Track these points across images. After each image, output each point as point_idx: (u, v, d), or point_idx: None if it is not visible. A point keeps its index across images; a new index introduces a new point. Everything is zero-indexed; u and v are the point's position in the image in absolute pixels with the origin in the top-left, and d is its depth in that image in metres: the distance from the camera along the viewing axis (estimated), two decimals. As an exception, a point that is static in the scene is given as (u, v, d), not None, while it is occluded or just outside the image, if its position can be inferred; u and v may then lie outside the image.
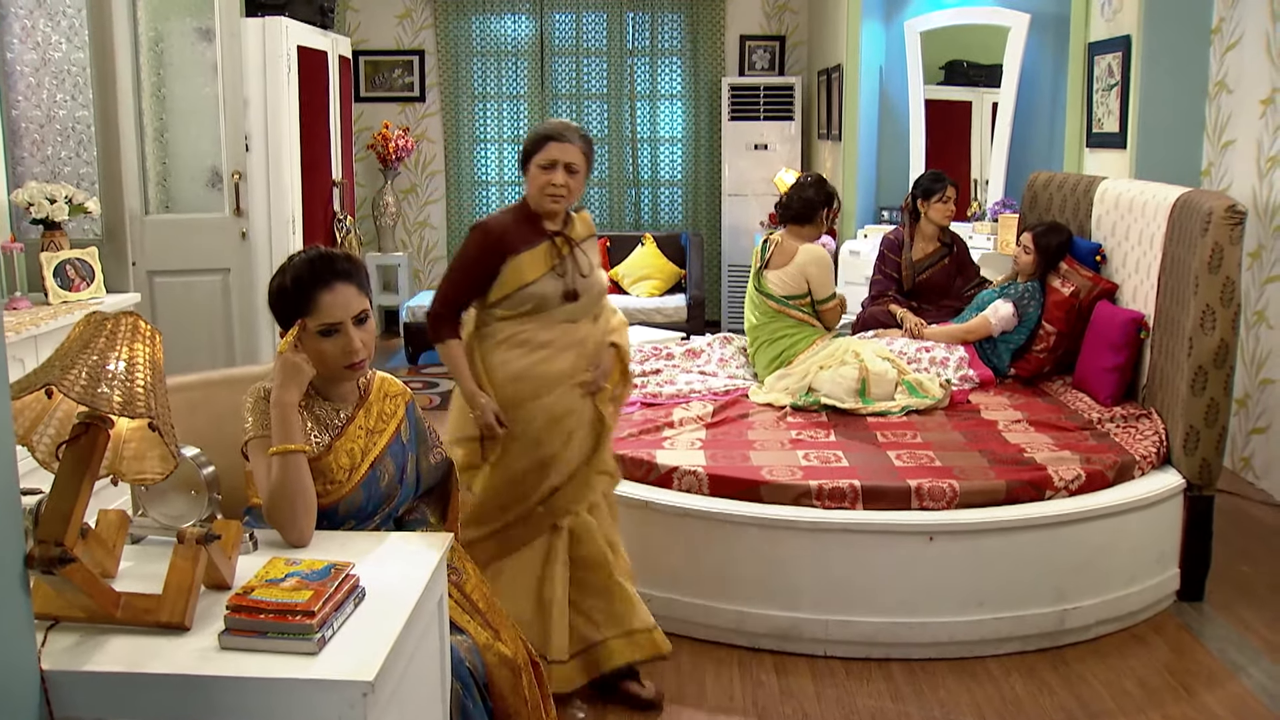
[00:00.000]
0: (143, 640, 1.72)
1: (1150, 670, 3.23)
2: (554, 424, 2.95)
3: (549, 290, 2.93)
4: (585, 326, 3.00)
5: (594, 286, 3.01)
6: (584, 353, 2.98)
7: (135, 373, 1.75)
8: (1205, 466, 3.59)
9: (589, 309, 3.01)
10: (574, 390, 2.96)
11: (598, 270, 3.04)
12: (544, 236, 2.95)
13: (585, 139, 2.95)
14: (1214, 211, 3.52)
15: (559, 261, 2.94)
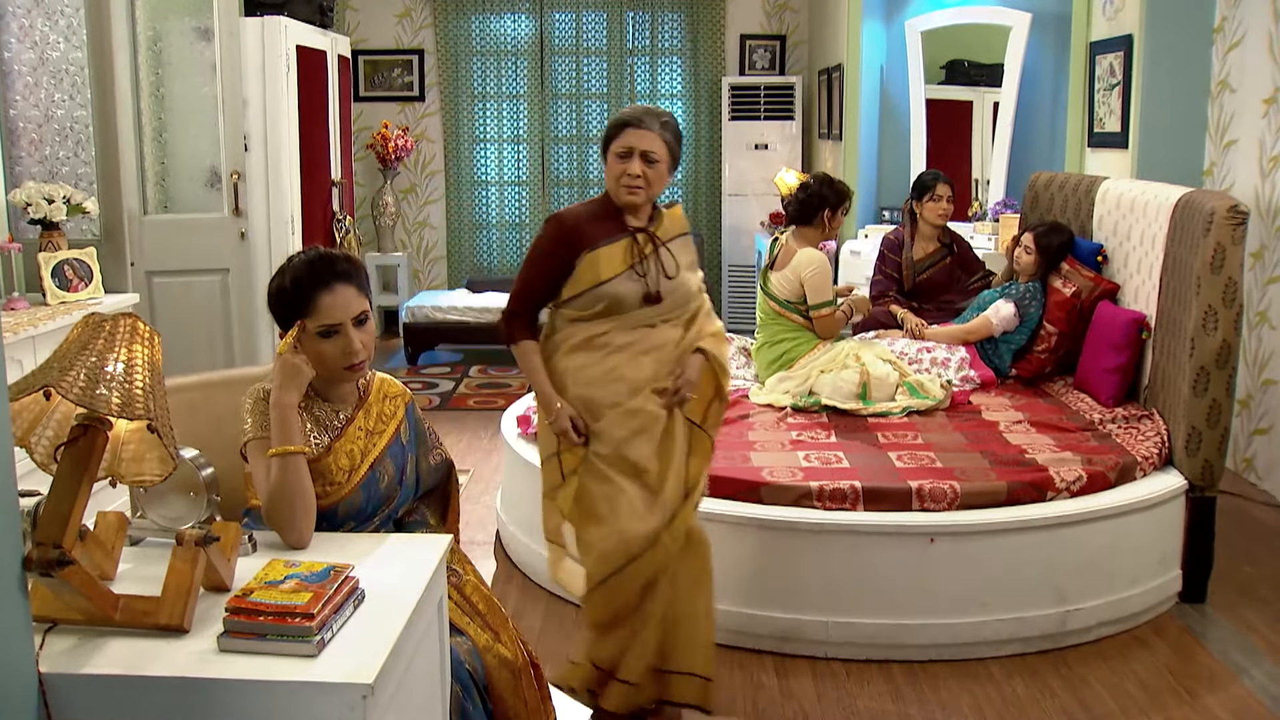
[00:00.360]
0: (141, 643, 1.71)
1: (1152, 672, 3.22)
2: (639, 433, 2.70)
3: (626, 291, 2.69)
4: (667, 331, 2.75)
5: (680, 289, 2.76)
6: (664, 359, 2.74)
7: (134, 374, 1.75)
8: (1207, 468, 3.58)
9: (673, 313, 2.76)
10: (656, 398, 2.72)
11: (688, 272, 2.79)
12: (625, 232, 2.72)
13: (669, 126, 2.70)
14: (1216, 212, 3.51)
15: (640, 260, 2.71)
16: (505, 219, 8.54)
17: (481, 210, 8.51)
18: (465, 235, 8.47)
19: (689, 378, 2.75)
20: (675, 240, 2.77)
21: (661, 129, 2.68)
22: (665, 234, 2.76)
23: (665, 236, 2.75)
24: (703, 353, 2.79)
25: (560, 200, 8.50)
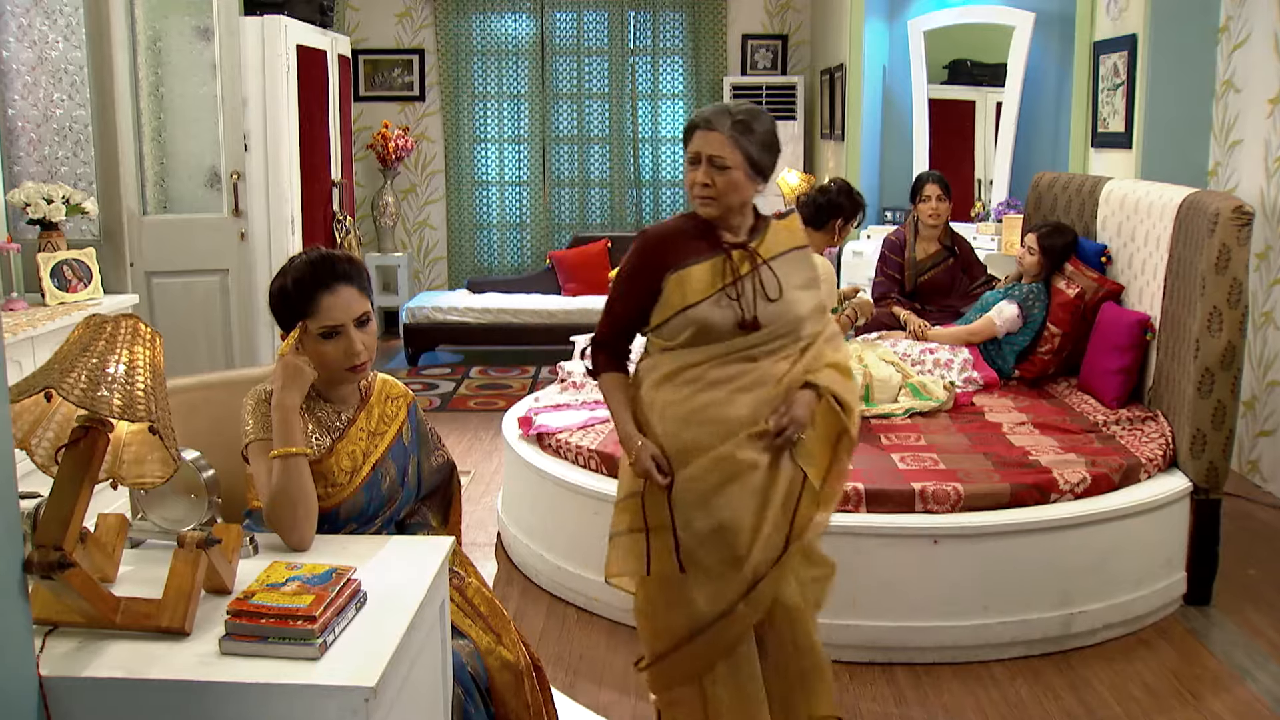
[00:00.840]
0: (142, 645, 1.70)
1: (1157, 675, 3.20)
2: (729, 482, 2.35)
3: (716, 316, 2.36)
4: (772, 364, 2.39)
5: (786, 314, 2.38)
6: (767, 398, 2.37)
7: (135, 376, 1.73)
8: (1212, 469, 3.57)
9: (777, 342, 2.39)
10: (755, 442, 2.36)
11: (800, 293, 2.42)
12: (718, 249, 2.40)
13: (744, 125, 2.34)
14: (1221, 212, 3.49)
15: (733, 281, 2.37)
16: (506, 219, 8.52)
17: (482, 210, 8.49)
18: (466, 235, 8.46)
19: (795, 415, 2.36)
20: (784, 256, 2.43)
21: (733, 130, 2.34)
22: (769, 250, 2.41)
23: (769, 253, 2.41)
24: (813, 388, 2.39)
25: (560, 200, 8.49)
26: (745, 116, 2.37)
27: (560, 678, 3.21)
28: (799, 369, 2.41)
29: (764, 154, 2.39)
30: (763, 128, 2.38)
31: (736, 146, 2.34)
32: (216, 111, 4.82)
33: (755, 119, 2.38)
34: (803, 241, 2.51)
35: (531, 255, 8.44)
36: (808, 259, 2.50)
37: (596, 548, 3.57)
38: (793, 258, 2.46)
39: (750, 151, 2.36)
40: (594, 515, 3.57)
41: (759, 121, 2.38)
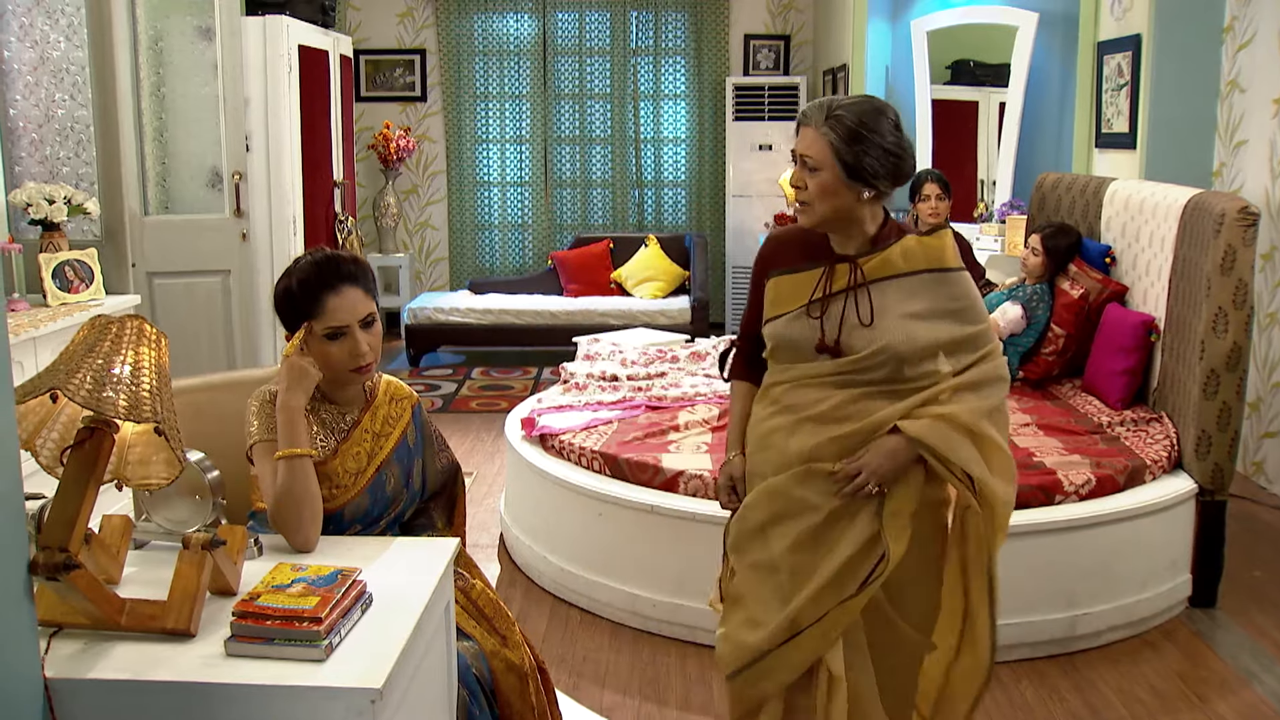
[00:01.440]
0: (147, 647, 1.69)
1: (1162, 677, 3.19)
2: (783, 518, 2.16)
3: (794, 334, 2.17)
4: (858, 399, 2.12)
5: (880, 343, 2.09)
6: (843, 434, 2.12)
7: (141, 377, 1.73)
8: (1218, 471, 3.56)
9: (867, 374, 2.11)
10: (819, 481, 2.13)
11: (913, 323, 2.10)
12: (823, 258, 2.18)
13: (839, 121, 2.06)
14: (1227, 213, 3.48)
15: (821, 298, 2.15)
16: (507, 220, 8.51)
17: (484, 211, 8.48)
18: (467, 236, 8.45)
19: (866, 461, 2.09)
20: (906, 279, 2.12)
21: (827, 124, 2.07)
22: (883, 268, 2.12)
23: (881, 272, 2.12)
24: (901, 434, 2.08)
25: (562, 201, 8.48)
26: (845, 111, 2.07)
27: (563, 679, 3.20)
28: (895, 410, 2.10)
29: (860, 155, 2.05)
30: (863, 124, 2.06)
31: (826, 144, 2.07)
32: (218, 112, 4.81)
33: (857, 114, 2.06)
34: (945, 263, 2.14)
35: (533, 256, 8.43)
36: (945, 285, 2.14)
37: (599, 549, 3.58)
38: (919, 281, 2.13)
39: (840, 149, 2.05)
40: (597, 517, 3.56)
41: (862, 117, 2.06)
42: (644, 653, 3.37)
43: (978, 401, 2.12)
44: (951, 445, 2.09)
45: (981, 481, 2.12)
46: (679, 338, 5.71)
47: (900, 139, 2.09)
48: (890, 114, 2.10)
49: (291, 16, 5.20)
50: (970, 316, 2.16)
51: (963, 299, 2.16)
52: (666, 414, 4.09)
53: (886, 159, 2.07)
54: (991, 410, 2.15)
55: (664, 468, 3.50)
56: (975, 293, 2.20)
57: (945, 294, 2.15)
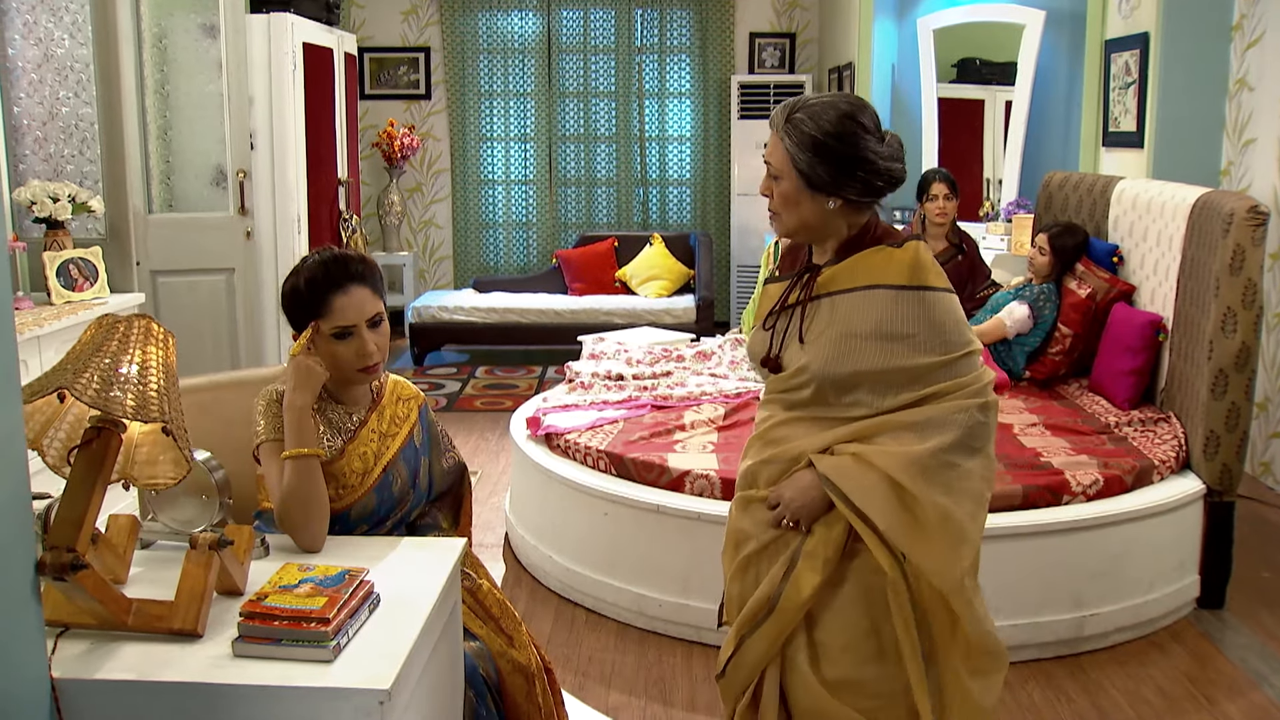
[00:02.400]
0: (155, 647, 1.69)
1: (1170, 679, 3.18)
2: (730, 541, 2.10)
3: (754, 345, 2.07)
4: (805, 425, 1.97)
5: (818, 365, 1.92)
6: (777, 458, 2.00)
7: (148, 376, 1.72)
8: (1226, 472, 3.54)
9: (801, 392, 1.95)
10: (753, 508, 2.02)
11: (860, 343, 1.89)
12: (804, 268, 2.04)
13: (797, 125, 1.89)
14: (1236, 212, 3.47)
15: (779, 308, 2.03)
16: (512, 218, 8.50)
17: (488, 209, 8.47)
18: (471, 234, 8.44)
19: (782, 494, 1.95)
20: (851, 295, 1.92)
21: (785, 129, 1.91)
22: (841, 280, 1.94)
23: (828, 285, 1.95)
24: (814, 470, 1.92)
25: (566, 199, 8.47)
26: (804, 114, 1.89)
27: (569, 680, 3.20)
28: (814, 440, 1.95)
29: (817, 164, 1.88)
30: (823, 129, 1.87)
31: (785, 152, 1.91)
32: (222, 109, 4.80)
33: (817, 118, 1.88)
34: (904, 279, 1.90)
35: (538, 254, 8.42)
36: (900, 305, 1.89)
37: (605, 549, 3.57)
38: (869, 298, 1.91)
39: (796, 156, 1.89)
40: (602, 517, 3.55)
41: (822, 121, 1.87)
42: (650, 653, 3.36)
43: (915, 444, 1.86)
44: (861, 491, 1.86)
45: (890, 538, 1.86)
46: (684, 337, 5.69)
47: (873, 144, 1.89)
48: (862, 116, 1.90)
49: (296, 14, 5.18)
50: (926, 344, 1.88)
51: (917, 323, 1.88)
52: (672, 413, 4.08)
53: (854, 167, 1.89)
54: (935, 458, 1.85)
55: (670, 467, 3.49)
56: (945, 317, 1.91)
57: (897, 315, 1.89)
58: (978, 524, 1.92)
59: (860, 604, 1.93)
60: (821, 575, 1.90)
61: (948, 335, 1.90)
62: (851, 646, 1.93)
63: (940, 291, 1.92)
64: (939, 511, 1.85)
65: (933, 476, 1.85)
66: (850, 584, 1.93)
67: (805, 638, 1.96)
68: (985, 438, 1.92)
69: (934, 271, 1.93)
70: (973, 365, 1.93)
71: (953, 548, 1.86)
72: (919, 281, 1.90)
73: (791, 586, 1.92)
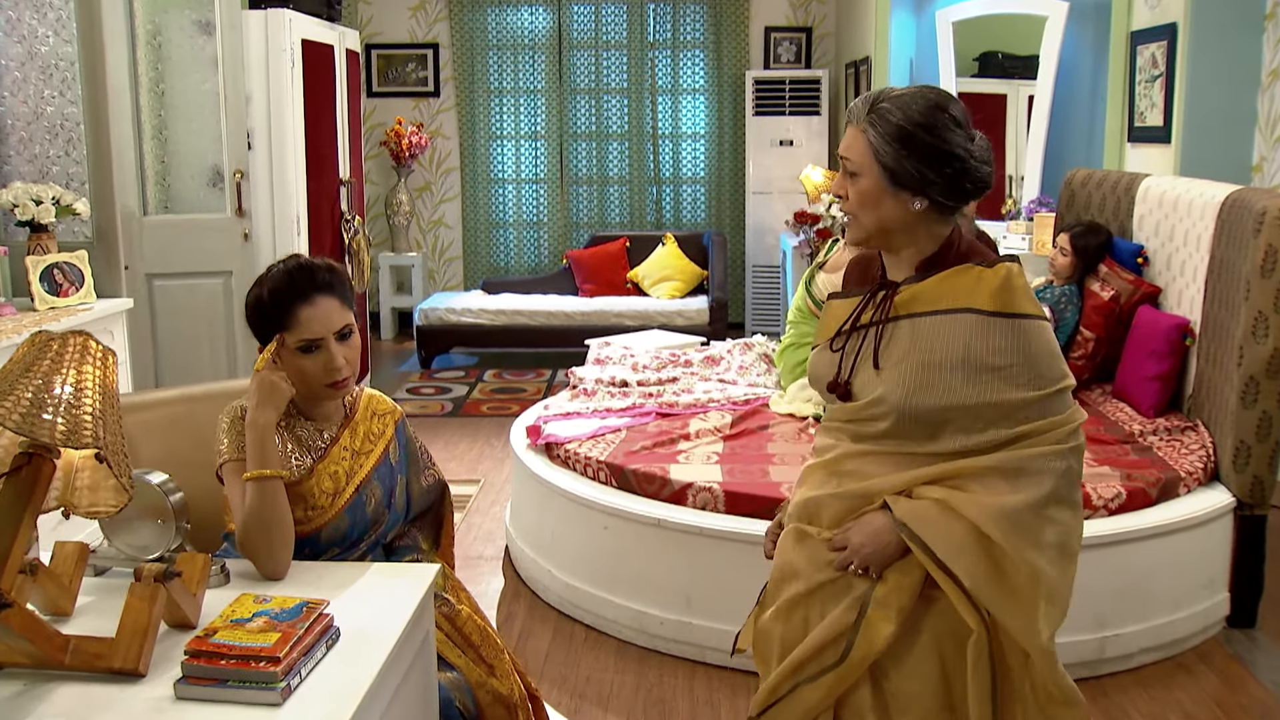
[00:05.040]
0: (93, 689, 1.58)
1: (1197, 703, 3.03)
2: (776, 574, 1.93)
3: (819, 367, 1.89)
4: (876, 459, 1.81)
5: (878, 390, 1.77)
6: (838, 492, 1.84)
7: (83, 398, 1.60)
8: (1257, 484, 3.39)
9: (873, 425, 1.79)
10: (809, 544, 1.86)
11: (940, 374, 1.72)
12: (872, 284, 1.87)
13: (883, 117, 1.73)
14: (1268, 211, 3.31)
15: (850, 329, 1.84)
16: (523, 218, 8.39)
17: (498, 209, 8.36)
18: (482, 234, 8.33)
19: (849, 538, 1.79)
20: (935, 318, 1.74)
21: (867, 120, 1.75)
22: (923, 301, 1.77)
23: (910, 306, 1.78)
24: (890, 513, 1.76)
25: (578, 198, 8.34)
26: (890, 104, 1.73)
27: (565, 701, 3.08)
28: (892, 480, 1.78)
29: (904, 158, 1.72)
30: (911, 119, 1.71)
31: (867, 145, 1.74)
32: (219, 108, 4.70)
33: (905, 107, 1.72)
34: (996, 305, 1.71)
35: (549, 254, 8.31)
36: (990, 333, 1.71)
37: (605, 564, 3.45)
38: (955, 322, 1.73)
39: (881, 152, 1.73)
40: (602, 530, 3.43)
41: (910, 111, 1.72)
42: (650, 673, 3.23)
43: (1008, 494, 1.70)
44: (945, 543, 1.71)
45: (976, 595, 1.70)
46: (693, 340, 5.56)
47: (962, 139, 1.73)
48: (952, 109, 1.74)
49: (295, 10, 5.08)
50: (1019, 378, 1.71)
51: (1010, 354, 1.71)
52: (677, 421, 3.94)
53: (942, 163, 1.72)
54: (1029, 511, 1.69)
55: (672, 479, 3.36)
56: (1040, 349, 1.73)
57: (988, 344, 1.71)
58: (1068, 581, 1.76)
59: (933, 655, 1.79)
60: (896, 625, 1.75)
61: (1042, 369, 1.73)
62: (921, 699, 1.79)
63: (1035, 320, 1.74)
64: (1030, 569, 1.70)
65: (1025, 531, 1.70)
66: (924, 633, 1.79)
67: (871, 688, 1.81)
68: (1077, 487, 1.77)
69: (1028, 297, 1.75)
70: (1066, 402, 1.77)
71: (1042, 607, 1.72)
72: (1012, 308, 1.72)
73: (863, 637, 1.76)
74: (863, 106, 1.77)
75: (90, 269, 3.95)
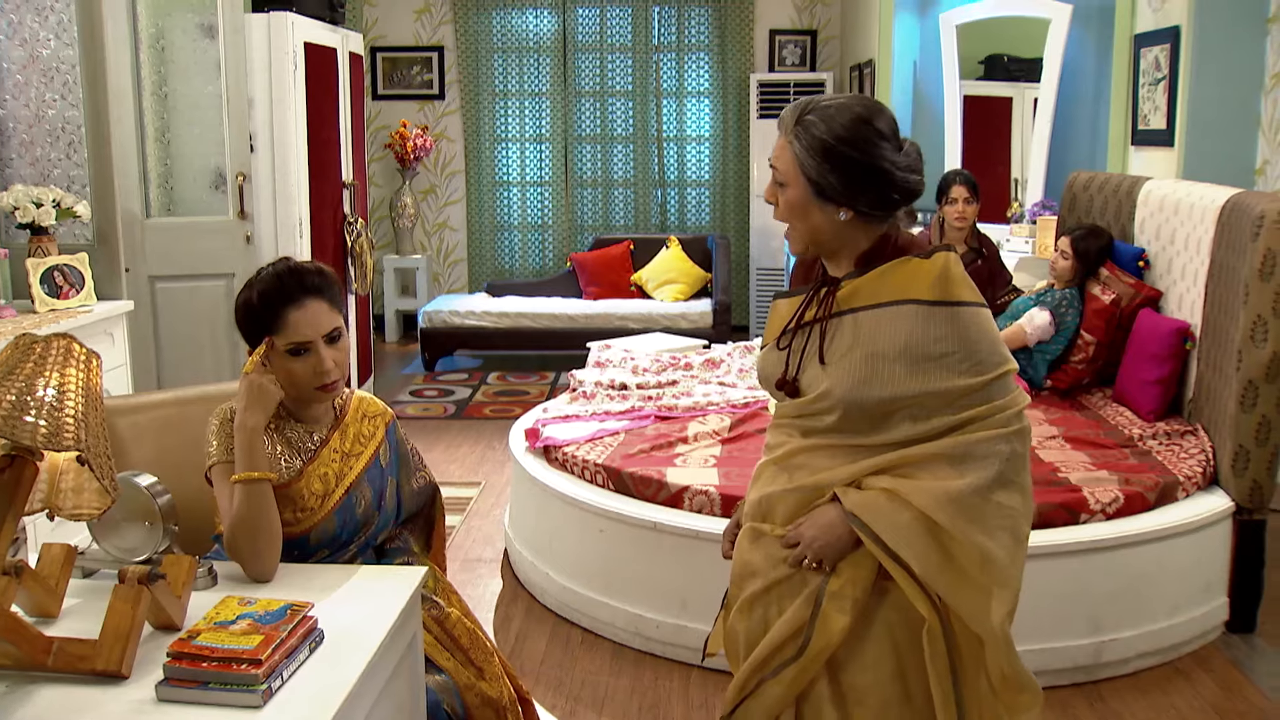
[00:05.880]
0: (75, 690, 1.59)
1: (1195, 709, 3.01)
2: (736, 574, 1.94)
3: (766, 366, 1.91)
4: (826, 454, 1.82)
5: (825, 384, 1.78)
6: (789, 487, 1.85)
7: (65, 401, 1.61)
8: (1256, 488, 3.36)
9: (823, 419, 1.80)
10: (764, 542, 1.87)
11: (884, 365, 1.73)
12: (820, 282, 1.88)
13: (809, 128, 1.74)
14: (1267, 215, 3.29)
15: (794, 327, 1.87)
16: (528, 220, 8.39)
17: (503, 211, 8.37)
18: (486, 237, 8.34)
19: (804, 533, 1.80)
20: (876, 311, 1.76)
21: (794, 132, 1.76)
22: (852, 298, 1.79)
23: (851, 301, 1.79)
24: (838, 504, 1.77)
25: (583, 201, 8.34)
26: (816, 116, 1.74)
27: (560, 704, 3.08)
28: (840, 473, 1.79)
29: (828, 173, 1.73)
30: (835, 134, 1.72)
31: (793, 157, 1.76)
32: (221, 111, 4.71)
33: (829, 121, 1.73)
34: (934, 294, 1.74)
35: (553, 257, 8.31)
36: (931, 322, 1.73)
37: (601, 567, 3.45)
38: (896, 314, 1.74)
39: (805, 162, 1.74)
40: (599, 533, 3.43)
41: (835, 125, 1.73)
42: (646, 676, 3.23)
43: (953, 479, 1.71)
44: (895, 531, 1.72)
45: (927, 581, 1.72)
46: (694, 343, 5.55)
47: (888, 151, 1.74)
48: (878, 122, 1.75)
49: (298, 13, 5.09)
50: (961, 365, 1.73)
51: (950, 342, 1.73)
52: (676, 425, 3.94)
53: (866, 177, 1.74)
54: (975, 495, 1.71)
55: (668, 483, 3.36)
56: (980, 335, 1.75)
57: (928, 333, 1.73)
58: (1018, 565, 1.77)
59: (887, 645, 1.80)
60: (851, 617, 1.77)
61: (982, 355, 1.75)
62: (878, 689, 1.81)
63: (973, 306, 1.76)
64: (980, 553, 1.71)
65: (973, 515, 1.71)
66: (877, 624, 1.80)
67: (829, 681, 1.83)
68: (1023, 469, 1.79)
69: (966, 285, 1.77)
70: (1008, 387, 1.78)
71: (994, 591, 1.73)
72: (951, 296, 1.75)
73: (820, 630, 1.78)
74: (791, 116, 1.78)
75: (91, 271, 3.96)
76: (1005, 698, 1.82)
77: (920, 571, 1.73)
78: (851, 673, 1.82)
